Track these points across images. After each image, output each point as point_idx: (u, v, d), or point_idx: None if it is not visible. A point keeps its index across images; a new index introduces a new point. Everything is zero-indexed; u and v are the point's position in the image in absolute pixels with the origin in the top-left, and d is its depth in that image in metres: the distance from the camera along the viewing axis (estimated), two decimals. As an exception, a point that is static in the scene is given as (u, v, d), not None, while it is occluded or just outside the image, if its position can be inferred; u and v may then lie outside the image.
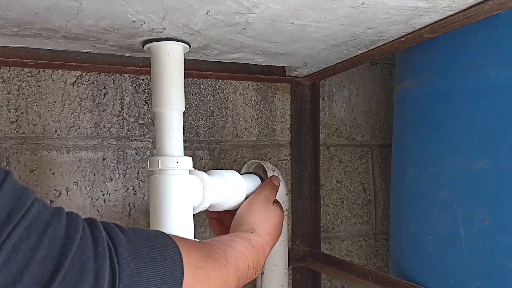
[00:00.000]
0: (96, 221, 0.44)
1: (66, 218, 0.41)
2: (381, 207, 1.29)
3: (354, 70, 1.25)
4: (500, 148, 0.70)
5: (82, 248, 0.39)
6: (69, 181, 0.98)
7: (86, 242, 0.40)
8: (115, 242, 0.43)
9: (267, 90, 1.17)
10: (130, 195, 1.03)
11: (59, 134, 0.98)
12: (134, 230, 0.47)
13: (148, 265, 0.44)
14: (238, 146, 1.13)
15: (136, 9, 0.61)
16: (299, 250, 1.15)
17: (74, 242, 0.39)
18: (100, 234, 0.42)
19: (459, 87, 0.76)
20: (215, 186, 0.71)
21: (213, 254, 0.54)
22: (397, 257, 0.93)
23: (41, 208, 0.39)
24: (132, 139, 1.04)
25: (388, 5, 0.62)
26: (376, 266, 1.29)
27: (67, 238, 0.39)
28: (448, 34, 0.74)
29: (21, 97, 0.95)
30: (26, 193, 0.39)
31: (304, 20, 0.68)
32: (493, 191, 0.70)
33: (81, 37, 0.75)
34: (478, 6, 0.62)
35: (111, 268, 0.41)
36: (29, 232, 0.37)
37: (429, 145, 0.82)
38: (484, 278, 0.71)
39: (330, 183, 1.23)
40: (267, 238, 0.68)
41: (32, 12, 0.62)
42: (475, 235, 0.72)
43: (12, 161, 0.94)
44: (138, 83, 1.04)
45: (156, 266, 0.44)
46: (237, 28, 0.71)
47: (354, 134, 1.26)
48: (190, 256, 0.49)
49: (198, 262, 0.50)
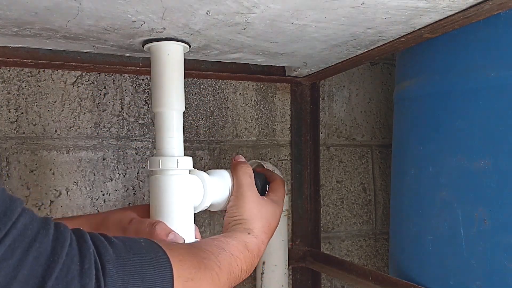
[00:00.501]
0: (84, 234, 0.42)
1: (53, 232, 0.39)
2: (381, 207, 1.29)
3: (354, 70, 1.25)
4: (500, 148, 0.70)
5: (67, 266, 0.38)
6: (69, 181, 0.98)
7: (72, 260, 0.39)
8: (103, 258, 0.41)
9: (267, 90, 1.17)
10: (130, 195, 1.03)
11: (59, 134, 0.98)
12: (124, 243, 0.45)
13: (136, 282, 0.43)
14: (238, 146, 1.13)
15: (136, 9, 0.61)
16: (299, 250, 1.15)
17: (60, 259, 0.38)
18: (87, 250, 0.40)
19: (459, 87, 0.76)
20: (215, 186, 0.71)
21: (206, 262, 0.53)
22: (397, 257, 0.93)
23: (28, 221, 0.38)
24: (132, 139, 1.04)
25: (388, 5, 0.62)
26: (376, 266, 1.29)
27: (53, 255, 0.38)
28: (448, 34, 0.74)
29: (21, 97, 0.95)
30: (12, 206, 0.37)
31: (304, 20, 0.68)
32: (493, 191, 0.70)
33: (81, 37, 0.75)
34: (478, 6, 0.62)
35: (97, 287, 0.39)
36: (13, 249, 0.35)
37: (429, 145, 0.82)
38: (484, 278, 0.71)
39: (330, 183, 1.23)
40: (263, 237, 0.67)
41: (32, 12, 0.62)
42: (475, 235, 0.72)
43: (12, 161, 0.94)
44: (138, 83, 1.04)
45: (145, 282, 0.43)
46: (237, 28, 0.71)
47: (354, 134, 1.26)
48: (181, 267, 0.48)
49: (189, 274, 0.49)
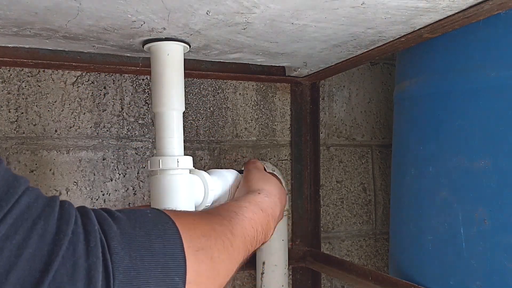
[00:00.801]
0: (89, 211, 0.41)
1: (59, 210, 0.38)
2: (381, 207, 1.29)
3: (354, 70, 1.25)
4: (500, 148, 0.70)
5: (73, 244, 0.37)
6: (69, 181, 0.98)
7: (77, 237, 0.37)
8: (108, 235, 0.40)
9: (267, 90, 1.17)
10: (130, 195, 1.03)
11: (59, 134, 0.98)
12: (129, 217, 0.43)
13: (145, 257, 0.41)
14: (238, 146, 1.13)
15: (136, 9, 0.61)
16: (299, 250, 1.15)
17: (66, 237, 0.36)
18: (93, 228, 0.39)
19: (459, 87, 0.76)
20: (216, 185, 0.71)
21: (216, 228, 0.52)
22: (397, 257, 0.93)
23: (32, 200, 0.37)
24: (132, 139, 1.04)
25: (388, 5, 0.62)
26: (376, 266, 1.29)
27: (58, 233, 0.36)
28: (448, 34, 0.74)
29: (21, 97, 0.95)
30: (15, 184, 0.36)
31: (304, 20, 0.68)
32: (493, 191, 0.70)
33: (81, 37, 0.75)
34: (478, 6, 0.62)
35: (104, 266, 0.38)
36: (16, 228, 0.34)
37: (429, 145, 0.82)
38: (484, 278, 0.71)
39: (330, 183, 1.23)
40: (275, 199, 0.66)
41: (32, 12, 0.62)
42: (475, 235, 0.72)
43: (12, 161, 0.94)
44: (138, 83, 1.04)
45: (154, 256, 0.42)
46: (237, 28, 0.71)
47: (354, 134, 1.26)
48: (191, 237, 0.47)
49: (199, 243, 0.47)
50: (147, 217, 0.45)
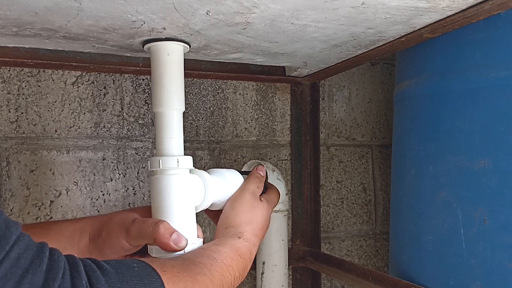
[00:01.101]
0: (78, 263, 0.42)
1: (47, 262, 0.39)
2: (381, 207, 1.29)
3: (354, 70, 1.25)
4: (500, 148, 0.70)
5: None
6: (69, 181, 0.98)
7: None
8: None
9: (267, 90, 1.17)
10: (130, 195, 1.03)
11: (59, 134, 0.98)
12: (117, 270, 0.45)
13: None
14: (238, 146, 1.13)
15: (136, 9, 0.61)
16: (299, 250, 1.15)
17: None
18: (80, 282, 0.40)
19: (459, 87, 0.76)
20: (216, 185, 0.71)
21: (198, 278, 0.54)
22: (397, 257, 0.93)
23: (22, 250, 0.38)
24: (132, 139, 1.04)
25: (388, 5, 0.62)
26: (376, 266, 1.29)
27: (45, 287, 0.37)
28: (448, 34, 0.74)
29: (21, 97, 0.95)
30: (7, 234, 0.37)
31: (304, 20, 0.68)
32: (493, 191, 0.70)
33: (81, 37, 0.75)
34: (478, 6, 0.62)
35: None
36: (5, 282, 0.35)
37: (429, 145, 0.82)
38: (484, 278, 0.71)
39: (330, 183, 1.23)
40: (255, 240, 0.68)
41: (32, 12, 0.62)
42: (475, 235, 0.72)
43: (12, 161, 0.94)
44: (138, 83, 1.04)
45: None
46: (237, 28, 0.71)
47: (354, 134, 1.26)
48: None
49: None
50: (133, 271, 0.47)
